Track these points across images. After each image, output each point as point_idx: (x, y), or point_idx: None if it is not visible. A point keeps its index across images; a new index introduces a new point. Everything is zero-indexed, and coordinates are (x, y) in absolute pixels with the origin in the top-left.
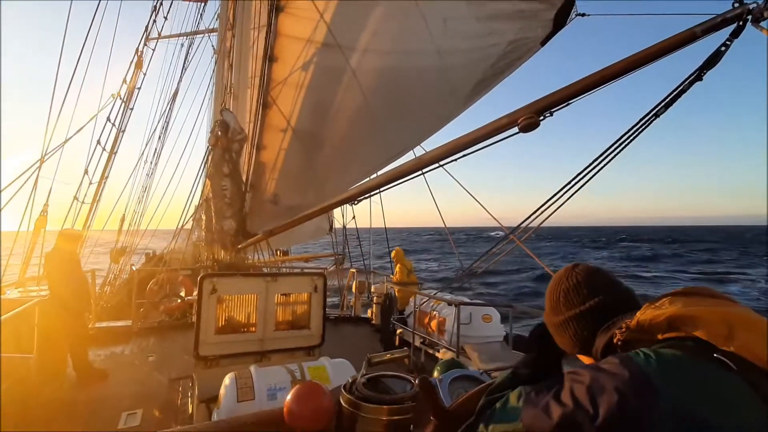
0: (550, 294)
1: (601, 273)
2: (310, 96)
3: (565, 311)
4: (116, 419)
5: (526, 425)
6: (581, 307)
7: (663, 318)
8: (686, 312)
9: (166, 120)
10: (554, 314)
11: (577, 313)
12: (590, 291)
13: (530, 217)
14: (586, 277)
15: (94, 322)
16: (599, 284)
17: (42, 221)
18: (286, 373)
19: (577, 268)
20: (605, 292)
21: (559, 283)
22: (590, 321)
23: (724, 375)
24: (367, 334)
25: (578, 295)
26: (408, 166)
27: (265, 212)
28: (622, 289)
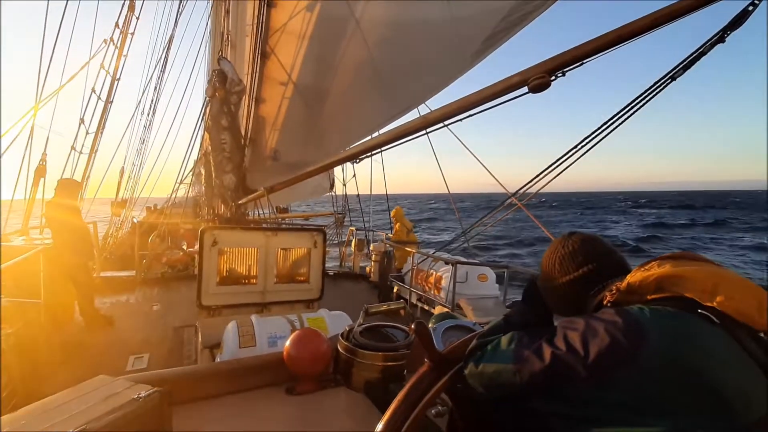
0: (546, 260)
1: (595, 241)
2: (312, 47)
3: (560, 277)
4: (124, 362)
5: (516, 366)
6: (575, 273)
7: (652, 279)
8: (674, 272)
9: (162, 69)
10: (549, 279)
11: (571, 278)
12: (584, 258)
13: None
14: (581, 245)
15: (99, 272)
16: (593, 252)
17: (41, 171)
18: (285, 322)
19: (573, 236)
20: (598, 259)
21: (555, 251)
22: (583, 286)
23: (708, 327)
24: (365, 290)
25: (573, 262)
26: (412, 124)
27: (265, 168)
28: (615, 257)
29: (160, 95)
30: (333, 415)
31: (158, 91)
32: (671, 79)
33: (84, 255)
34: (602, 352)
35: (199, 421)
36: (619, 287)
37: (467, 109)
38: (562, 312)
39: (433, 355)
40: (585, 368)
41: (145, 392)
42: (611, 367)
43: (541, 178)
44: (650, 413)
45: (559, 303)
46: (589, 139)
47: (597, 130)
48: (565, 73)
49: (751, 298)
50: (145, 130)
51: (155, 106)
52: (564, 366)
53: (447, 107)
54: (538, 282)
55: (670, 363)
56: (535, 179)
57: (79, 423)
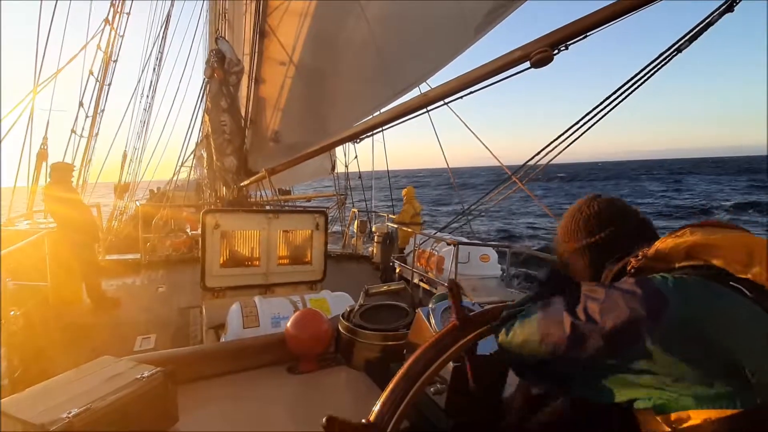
0: (569, 221)
1: (620, 204)
2: (312, 26)
3: (583, 238)
4: (131, 343)
5: (541, 333)
6: (599, 234)
7: (683, 246)
8: (707, 240)
9: (160, 50)
10: (571, 241)
11: (595, 240)
12: (609, 220)
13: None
14: (607, 207)
15: (104, 255)
16: (618, 214)
17: (42, 155)
18: (288, 303)
19: (598, 198)
20: (623, 222)
21: (578, 211)
22: (607, 249)
23: (737, 299)
24: (368, 271)
25: (598, 224)
26: (412, 102)
27: (266, 150)
28: (640, 220)
29: (159, 76)
30: (334, 392)
31: (157, 72)
32: (677, 51)
33: (89, 238)
34: (622, 324)
35: (203, 399)
36: (646, 253)
37: (468, 86)
38: (583, 276)
39: (460, 313)
40: (604, 339)
41: (149, 372)
42: (631, 340)
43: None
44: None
45: (580, 267)
46: (592, 114)
47: (599, 105)
48: (568, 47)
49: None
50: (145, 112)
51: (154, 87)
52: (584, 337)
53: (448, 84)
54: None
55: (690, 334)
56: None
57: (83, 402)
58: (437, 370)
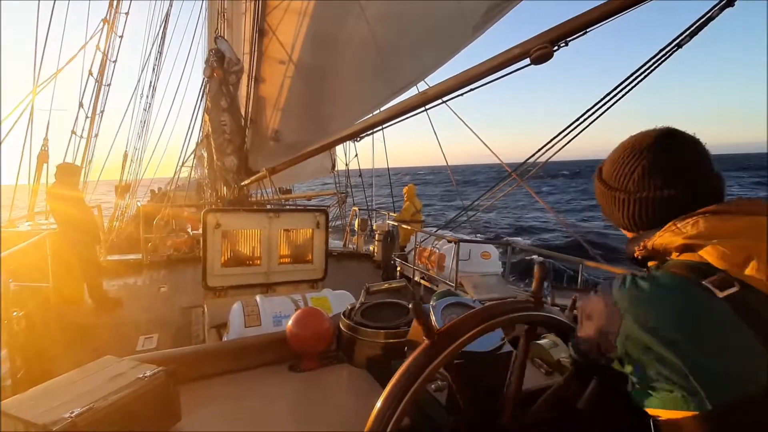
0: (624, 160)
1: (698, 154)
2: (312, 25)
3: (634, 190)
4: (134, 342)
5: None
6: (657, 192)
7: (677, 244)
8: (700, 242)
9: (159, 49)
10: (617, 184)
11: (647, 196)
12: (676, 175)
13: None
14: (680, 157)
15: (105, 255)
16: (689, 170)
17: (43, 156)
18: (290, 302)
19: (674, 139)
20: (691, 183)
21: (641, 152)
22: (657, 209)
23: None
24: (369, 269)
25: (662, 177)
26: (411, 101)
27: (267, 149)
28: (711, 182)
29: (158, 76)
30: (336, 390)
31: (156, 72)
32: (677, 47)
33: (90, 237)
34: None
35: (206, 398)
36: (647, 245)
37: (467, 84)
38: (617, 223)
39: (430, 333)
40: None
41: (151, 371)
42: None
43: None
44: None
45: (617, 215)
46: (593, 110)
47: (600, 101)
48: (567, 43)
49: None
50: (145, 112)
51: (154, 87)
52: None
53: (446, 82)
54: (598, 185)
55: (641, 344)
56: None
57: (86, 402)
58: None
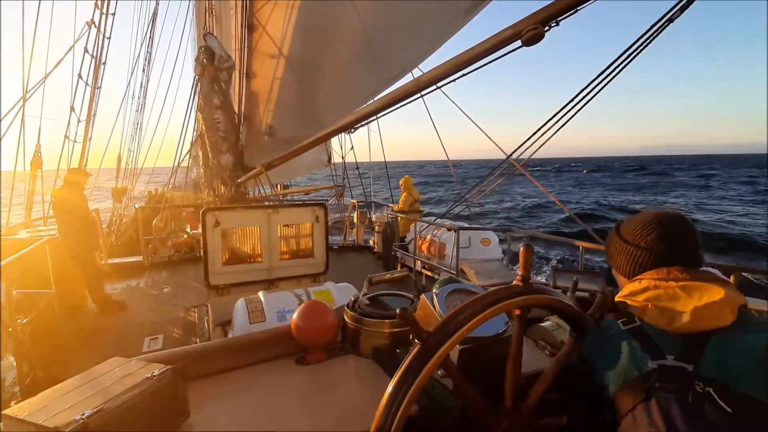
0: (645, 226)
1: (681, 232)
2: (301, 18)
3: (630, 239)
4: (140, 344)
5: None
6: (638, 242)
7: (626, 307)
8: (629, 300)
9: (149, 49)
10: (624, 235)
11: (633, 246)
12: (654, 237)
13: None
14: (666, 226)
15: (106, 259)
16: (667, 236)
17: (37, 162)
18: (293, 297)
19: (669, 216)
20: (665, 244)
21: (645, 217)
22: (638, 258)
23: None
24: (370, 261)
25: (643, 234)
26: (405, 88)
27: (262, 145)
28: (683, 250)
29: (149, 77)
30: (343, 381)
31: (147, 73)
32: (669, 22)
33: (89, 244)
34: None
35: (214, 394)
36: (612, 294)
37: (461, 68)
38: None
39: (421, 336)
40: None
41: (159, 370)
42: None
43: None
44: None
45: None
46: (587, 92)
47: (593, 81)
48: (558, 23)
49: (662, 313)
50: (137, 114)
51: (145, 88)
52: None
53: (439, 68)
54: (615, 237)
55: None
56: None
57: (96, 403)
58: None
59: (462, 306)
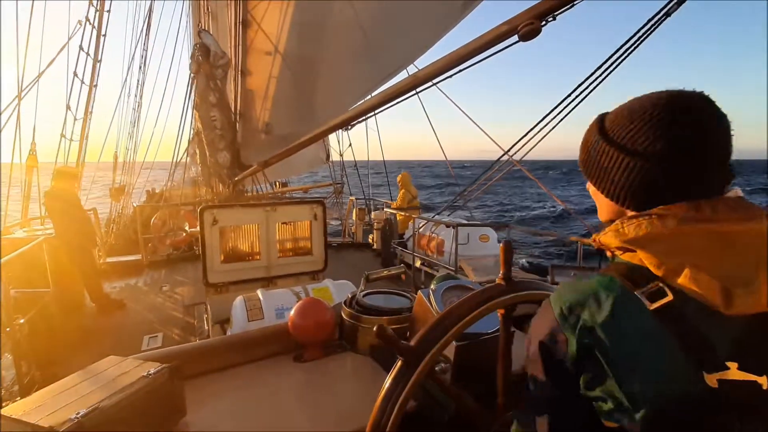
0: (630, 106)
1: (714, 127)
2: (297, 14)
3: (653, 157)
4: (139, 342)
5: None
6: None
7: (614, 246)
8: (634, 247)
9: (144, 47)
10: (628, 143)
11: (630, 155)
12: (711, 156)
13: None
14: (692, 126)
15: (104, 258)
16: (725, 153)
17: (32, 160)
18: (291, 294)
19: (691, 99)
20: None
21: (648, 102)
22: (643, 177)
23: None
24: (369, 258)
25: (658, 139)
26: (401, 85)
27: (259, 143)
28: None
29: (145, 75)
30: (341, 378)
31: (143, 71)
32: (666, 16)
33: (87, 242)
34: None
35: (211, 392)
36: (598, 239)
37: (457, 64)
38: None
39: (402, 350)
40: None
41: (155, 369)
42: (540, 363)
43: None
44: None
45: (607, 184)
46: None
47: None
48: (555, 17)
49: (714, 283)
50: (134, 112)
51: (142, 86)
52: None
53: (436, 64)
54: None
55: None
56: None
57: (91, 402)
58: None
59: (442, 315)
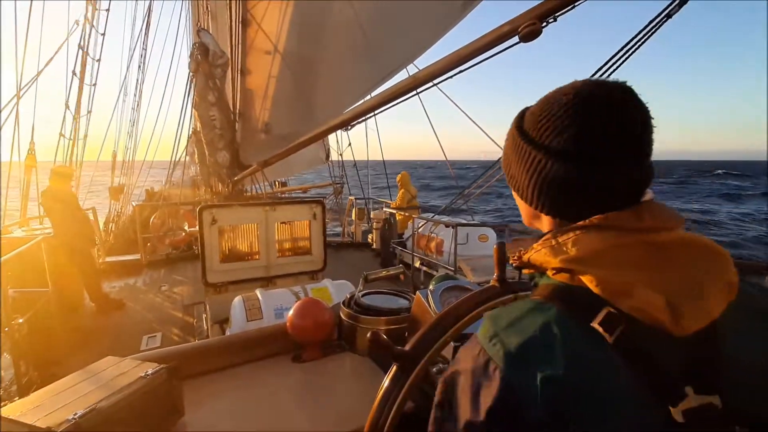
0: (560, 109)
1: (637, 119)
2: (296, 13)
3: (558, 153)
4: (138, 342)
5: None
6: (588, 166)
7: (553, 265)
8: (580, 268)
9: (144, 46)
10: (538, 137)
11: (572, 169)
12: (627, 151)
13: None
14: (607, 116)
15: (103, 258)
16: (645, 148)
17: (31, 160)
18: (290, 294)
19: (638, 105)
20: (635, 166)
21: (554, 99)
22: (577, 191)
23: (595, 354)
24: (368, 258)
25: (608, 148)
26: (402, 85)
27: (258, 142)
28: (646, 175)
29: (144, 74)
30: (339, 378)
31: (142, 70)
32: (667, 17)
33: (85, 240)
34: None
35: (210, 392)
36: (521, 257)
37: (458, 65)
38: (525, 198)
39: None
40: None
41: (153, 369)
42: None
43: None
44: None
45: (521, 184)
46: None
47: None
48: (556, 19)
49: (660, 300)
50: (133, 111)
51: (141, 85)
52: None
53: (436, 64)
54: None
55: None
56: None
57: (89, 403)
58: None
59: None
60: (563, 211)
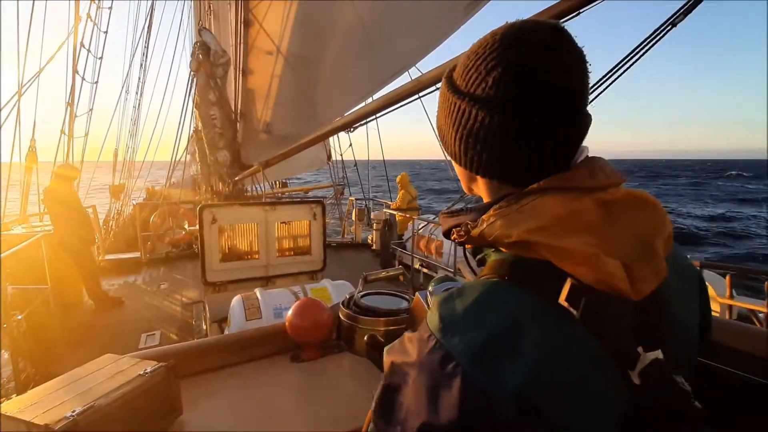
0: (484, 53)
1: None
2: (299, 13)
3: (483, 101)
4: (136, 340)
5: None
6: (518, 115)
7: (512, 240)
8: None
9: (146, 45)
10: (464, 86)
11: (500, 117)
12: (561, 97)
13: None
14: (572, 73)
15: (103, 255)
16: (580, 95)
17: (32, 158)
18: (290, 294)
19: (569, 43)
20: (573, 117)
21: (491, 40)
22: (508, 144)
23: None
24: (368, 259)
25: (536, 92)
26: (405, 88)
27: (259, 142)
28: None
29: (146, 73)
30: (338, 378)
31: (144, 69)
32: (671, 26)
33: (85, 239)
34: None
35: (208, 391)
36: (470, 232)
37: None
38: (454, 157)
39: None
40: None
41: (151, 367)
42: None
43: None
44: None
45: (449, 142)
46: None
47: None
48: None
49: (615, 264)
50: (135, 110)
51: (142, 84)
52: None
53: (440, 68)
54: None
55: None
56: None
57: (87, 401)
58: None
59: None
60: (497, 170)
